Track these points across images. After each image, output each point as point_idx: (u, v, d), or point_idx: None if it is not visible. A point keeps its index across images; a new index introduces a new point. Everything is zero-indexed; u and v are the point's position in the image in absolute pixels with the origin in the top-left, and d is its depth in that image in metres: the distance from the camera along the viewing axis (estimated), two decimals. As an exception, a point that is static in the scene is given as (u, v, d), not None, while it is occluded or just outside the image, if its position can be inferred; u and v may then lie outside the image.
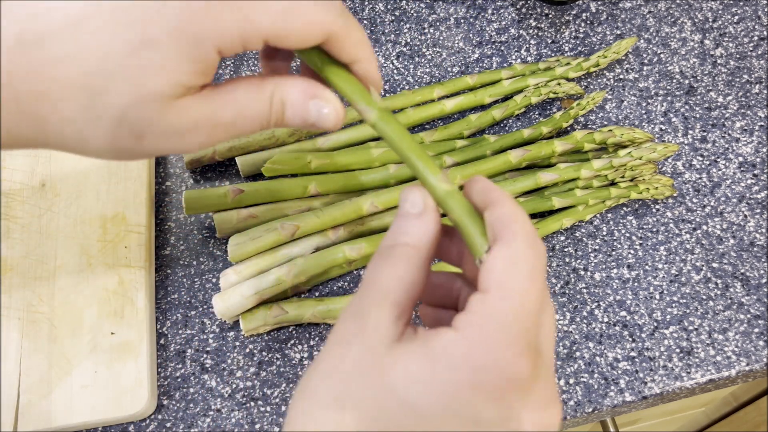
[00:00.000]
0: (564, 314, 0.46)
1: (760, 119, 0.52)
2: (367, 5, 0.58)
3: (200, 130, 0.26)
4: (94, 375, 0.42)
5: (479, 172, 0.47)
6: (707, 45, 0.56)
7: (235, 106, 0.26)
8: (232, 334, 0.45)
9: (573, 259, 0.48)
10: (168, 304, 0.46)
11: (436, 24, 0.57)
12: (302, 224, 0.44)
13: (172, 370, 0.44)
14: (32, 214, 0.47)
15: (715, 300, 0.46)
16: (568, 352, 0.45)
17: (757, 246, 0.48)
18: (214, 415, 0.43)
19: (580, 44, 0.56)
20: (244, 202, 0.46)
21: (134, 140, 0.25)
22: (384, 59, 0.56)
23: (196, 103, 0.26)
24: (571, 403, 0.43)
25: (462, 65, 0.55)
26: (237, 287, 0.43)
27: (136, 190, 0.48)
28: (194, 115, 0.26)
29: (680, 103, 0.53)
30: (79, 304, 0.44)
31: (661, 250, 0.48)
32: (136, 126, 0.25)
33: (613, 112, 0.53)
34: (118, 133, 0.25)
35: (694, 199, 0.50)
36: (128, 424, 0.43)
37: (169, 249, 0.48)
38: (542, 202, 0.47)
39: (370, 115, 0.28)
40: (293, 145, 0.49)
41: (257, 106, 0.27)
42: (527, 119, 0.53)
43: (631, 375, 0.44)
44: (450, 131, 0.51)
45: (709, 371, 0.44)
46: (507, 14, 0.58)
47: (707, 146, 0.52)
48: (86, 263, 0.45)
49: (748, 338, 0.45)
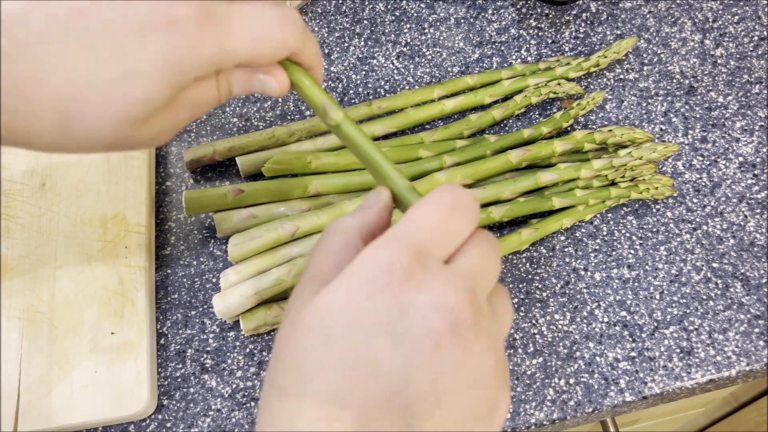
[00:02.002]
0: (564, 314, 0.46)
1: (760, 119, 0.52)
2: (367, 5, 0.58)
3: (163, 134, 0.29)
4: (94, 375, 0.42)
5: (479, 172, 0.47)
6: (707, 45, 0.56)
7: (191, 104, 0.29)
8: (232, 334, 0.45)
9: (573, 259, 0.48)
10: (168, 304, 0.46)
11: (437, 24, 0.57)
12: (302, 224, 0.44)
13: (172, 370, 0.44)
14: (32, 214, 0.47)
15: (716, 300, 0.46)
16: (568, 352, 0.45)
17: (757, 246, 0.48)
18: (214, 415, 0.43)
19: (580, 44, 0.56)
20: (244, 202, 0.46)
21: (103, 149, 0.28)
22: (384, 59, 0.56)
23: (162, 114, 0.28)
24: (571, 403, 0.43)
25: (462, 65, 0.55)
26: (237, 287, 0.43)
27: (136, 190, 0.48)
28: (160, 124, 0.28)
29: (680, 103, 0.53)
30: (79, 304, 0.44)
31: (661, 250, 0.48)
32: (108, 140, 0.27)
33: (613, 112, 0.53)
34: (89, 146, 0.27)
35: (694, 199, 0.50)
36: (128, 424, 0.43)
37: (169, 249, 0.48)
38: (542, 202, 0.47)
39: (336, 114, 0.30)
40: (293, 145, 0.49)
41: (209, 95, 0.29)
42: (527, 119, 0.53)
43: (631, 375, 0.44)
44: (450, 131, 0.51)
45: (709, 371, 0.44)
46: (507, 14, 0.58)
47: (707, 146, 0.52)
48: (86, 263, 0.45)
49: (748, 338, 0.45)
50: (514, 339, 0.45)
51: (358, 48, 0.56)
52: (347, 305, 0.23)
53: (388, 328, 0.23)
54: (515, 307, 0.46)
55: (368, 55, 0.56)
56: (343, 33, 0.57)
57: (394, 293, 0.23)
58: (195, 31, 0.26)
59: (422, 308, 0.23)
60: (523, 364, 0.44)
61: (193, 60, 0.26)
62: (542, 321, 0.46)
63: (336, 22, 0.57)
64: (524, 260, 0.48)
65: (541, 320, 0.46)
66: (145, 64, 0.25)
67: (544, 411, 0.43)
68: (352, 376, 0.23)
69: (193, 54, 0.26)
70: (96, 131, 0.26)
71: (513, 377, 0.44)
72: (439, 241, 0.25)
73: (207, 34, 0.26)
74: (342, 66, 0.55)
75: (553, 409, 0.43)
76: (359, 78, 0.55)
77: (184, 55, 0.26)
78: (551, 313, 0.46)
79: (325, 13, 0.58)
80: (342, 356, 0.23)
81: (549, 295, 0.47)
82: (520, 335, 0.45)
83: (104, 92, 0.25)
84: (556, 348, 0.45)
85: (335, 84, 0.55)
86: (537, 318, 0.46)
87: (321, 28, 0.57)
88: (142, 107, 0.26)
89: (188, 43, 0.26)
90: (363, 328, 0.23)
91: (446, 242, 0.25)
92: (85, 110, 0.26)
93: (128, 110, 0.26)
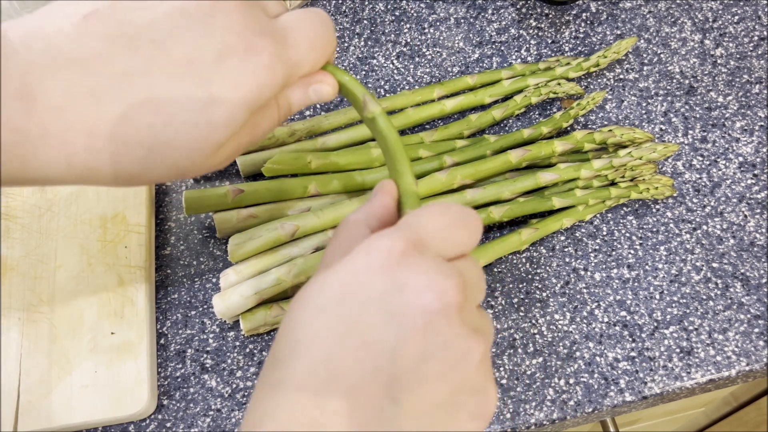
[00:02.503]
0: (564, 314, 0.46)
1: (760, 119, 0.52)
2: (367, 5, 0.58)
3: (228, 159, 0.29)
4: (94, 375, 0.42)
5: (479, 172, 0.47)
6: (707, 45, 0.56)
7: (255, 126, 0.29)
8: (232, 334, 0.45)
9: (573, 259, 0.48)
10: (168, 304, 0.46)
11: (437, 24, 0.57)
12: (302, 224, 0.44)
13: (172, 370, 0.44)
14: (32, 214, 0.47)
15: (715, 300, 0.46)
16: (568, 352, 0.45)
17: (757, 246, 0.48)
18: (214, 415, 0.43)
19: (580, 44, 0.56)
20: (244, 202, 0.46)
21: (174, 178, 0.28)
22: (384, 59, 0.56)
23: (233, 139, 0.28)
24: (571, 403, 0.43)
25: (462, 65, 0.55)
26: (237, 287, 0.43)
27: (136, 189, 0.48)
28: (230, 149, 0.28)
29: (680, 103, 0.53)
30: (79, 304, 0.44)
31: (661, 250, 0.48)
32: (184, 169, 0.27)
33: (613, 112, 0.53)
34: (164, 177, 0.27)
35: (694, 199, 0.50)
36: (128, 424, 0.43)
37: (169, 249, 0.48)
38: (542, 202, 0.47)
39: (375, 108, 0.31)
40: (293, 145, 0.49)
41: (271, 116, 0.30)
42: (527, 119, 0.53)
43: (631, 375, 0.44)
44: (450, 131, 0.51)
45: (709, 371, 0.44)
46: (507, 14, 0.58)
47: (707, 146, 0.52)
48: (86, 263, 0.45)
49: (748, 338, 0.45)
50: (514, 339, 0.45)
51: (358, 48, 0.56)
52: (344, 280, 0.24)
53: (383, 303, 0.24)
54: (515, 307, 0.46)
55: (368, 55, 0.56)
56: (343, 33, 0.57)
57: (390, 272, 0.24)
58: (270, 52, 0.27)
59: (417, 287, 0.24)
60: (523, 364, 0.44)
61: (269, 81, 0.27)
62: (542, 321, 0.46)
63: (336, 22, 0.57)
64: (524, 260, 0.48)
65: (541, 320, 0.46)
66: (227, 89, 0.26)
67: (544, 411, 0.43)
68: (343, 345, 0.23)
69: (269, 75, 0.27)
70: (177, 160, 0.27)
71: (513, 377, 0.44)
72: (439, 242, 0.26)
73: (278, 53, 0.27)
74: (342, 66, 0.55)
75: (553, 409, 0.43)
76: (359, 78, 0.55)
77: (262, 77, 0.27)
78: (551, 313, 0.46)
79: (325, 13, 0.58)
80: (335, 326, 0.24)
81: (549, 295, 0.47)
82: (520, 335, 0.45)
83: (190, 120, 0.26)
84: (556, 348, 0.45)
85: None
86: (537, 318, 0.46)
87: (321, 28, 0.57)
88: (225, 132, 0.27)
89: (265, 65, 0.27)
90: (358, 301, 0.24)
91: (445, 246, 0.26)
92: (171, 141, 0.26)
93: (211, 136, 0.26)
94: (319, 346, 0.24)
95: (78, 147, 0.25)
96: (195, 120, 0.26)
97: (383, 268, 0.24)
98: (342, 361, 0.23)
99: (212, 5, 0.26)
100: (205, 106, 0.26)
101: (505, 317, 0.46)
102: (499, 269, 0.47)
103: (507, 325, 0.46)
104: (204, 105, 0.26)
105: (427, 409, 0.24)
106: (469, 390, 0.25)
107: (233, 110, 0.27)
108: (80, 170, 0.26)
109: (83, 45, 0.25)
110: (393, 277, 0.24)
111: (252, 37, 0.27)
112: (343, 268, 0.25)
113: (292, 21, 0.29)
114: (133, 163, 0.26)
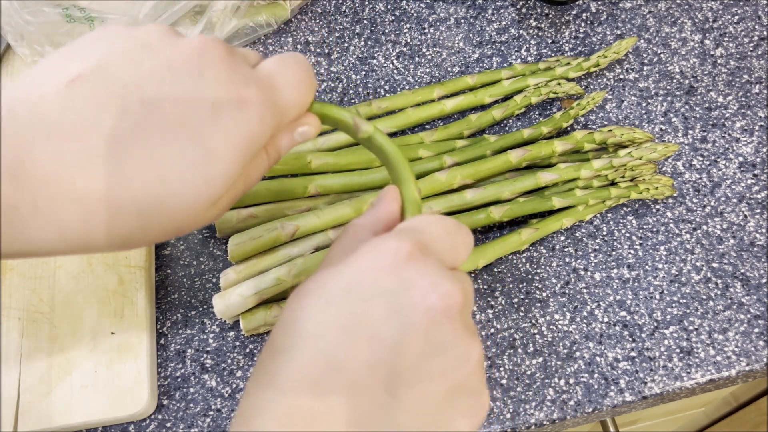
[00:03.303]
0: (564, 314, 0.46)
1: (760, 119, 0.52)
2: (367, 5, 0.58)
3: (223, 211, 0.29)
4: (94, 375, 0.42)
5: (479, 172, 0.47)
6: (707, 45, 0.56)
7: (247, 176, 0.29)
8: (232, 334, 0.45)
9: (573, 259, 0.48)
10: (168, 304, 0.46)
11: (436, 24, 0.57)
12: (302, 224, 0.44)
13: (172, 370, 0.44)
14: (32, 214, 0.47)
15: (715, 300, 0.46)
16: (568, 352, 0.45)
17: (757, 246, 0.48)
18: (214, 415, 0.43)
19: (580, 44, 0.56)
20: (244, 202, 0.46)
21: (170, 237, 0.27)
22: (384, 59, 0.56)
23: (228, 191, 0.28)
24: (571, 403, 0.43)
25: (462, 65, 0.55)
26: (237, 287, 0.43)
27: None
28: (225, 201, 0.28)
29: (680, 103, 0.53)
30: (79, 304, 0.44)
31: (661, 250, 0.48)
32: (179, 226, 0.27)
33: (613, 112, 0.53)
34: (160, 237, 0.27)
35: (694, 199, 0.50)
36: (128, 424, 0.43)
37: (169, 249, 0.48)
38: (542, 202, 0.47)
39: (368, 128, 0.32)
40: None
41: (262, 164, 0.30)
42: (527, 119, 0.53)
43: (631, 375, 0.44)
44: (450, 131, 0.51)
45: (709, 371, 0.44)
46: (507, 14, 0.58)
47: (707, 146, 0.52)
48: (86, 263, 0.45)
49: (748, 338, 0.45)
50: (514, 339, 0.45)
51: (358, 48, 0.56)
52: (351, 276, 0.25)
53: (389, 300, 0.24)
54: (515, 307, 0.46)
55: (368, 55, 0.56)
56: (343, 33, 0.57)
57: (397, 271, 0.25)
58: (259, 102, 0.27)
59: (423, 288, 0.24)
60: (523, 364, 0.44)
61: (262, 130, 0.27)
62: (542, 321, 0.46)
63: (336, 22, 0.57)
64: (524, 260, 0.48)
65: (541, 320, 0.46)
66: (222, 144, 0.26)
67: (544, 411, 0.43)
68: (347, 337, 0.24)
69: (261, 124, 0.27)
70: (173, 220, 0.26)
71: (513, 377, 0.44)
72: (441, 249, 0.27)
73: (268, 102, 0.27)
74: (342, 66, 0.55)
75: (553, 409, 0.43)
76: (359, 78, 0.55)
77: (255, 128, 0.27)
78: (551, 313, 0.46)
79: (325, 13, 0.58)
80: (340, 319, 0.24)
81: (549, 295, 0.47)
82: (520, 335, 0.45)
83: (186, 178, 0.25)
84: (556, 348, 0.45)
85: (335, 84, 0.55)
86: (537, 318, 0.46)
87: (321, 28, 0.57)
88: (222, 186, 0.26)
89: (257, 116, 0.27)
90: (364, 296, 0.24)
91: (445, 253, 0.27)
92: (167, 201, 0.25)
93: (208, 192, 0.26)
94: (323, 338, 0.24)
95: (69, 217, 0.24)
96: (191, 177, 0.25)
97: (390, 268, 0.25)
98: (345, 354, 0.23)
99: (199, 58, 0.26)
100: (201, 163, 0.25)
101: (505, 317, 0.46)
102: (499, 269, 0.47)
103: (507, 325, 0.46)
104: (200, 161, 0.25)
105: (425, 406, 0.24)
106: (465, 391, 0.25)
107: (229, 164, 0.26)
108: (74, 240, 0.25)
109: (70, 111, 0.24)
110: (399, 277, 0.25)
111: (241, 88, 0.26)
112: (350, 265, 0.25)
113: (274, 68, 0.29)
114: (128, 226, 0.25)
